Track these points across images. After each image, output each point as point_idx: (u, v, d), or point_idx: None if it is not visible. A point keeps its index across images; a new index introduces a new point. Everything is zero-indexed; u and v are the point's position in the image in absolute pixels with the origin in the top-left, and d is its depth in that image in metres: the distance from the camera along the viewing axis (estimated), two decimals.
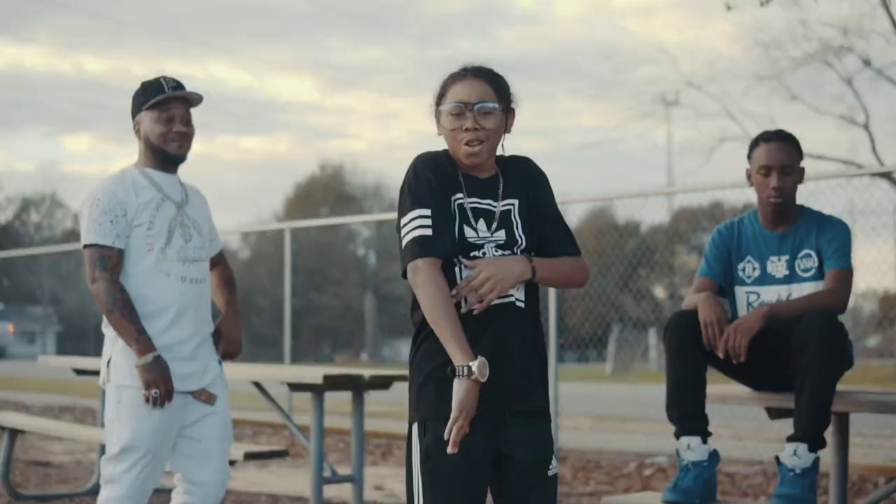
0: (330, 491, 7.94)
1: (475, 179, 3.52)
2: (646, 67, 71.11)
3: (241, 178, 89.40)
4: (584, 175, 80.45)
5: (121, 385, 4.69)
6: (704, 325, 4.74)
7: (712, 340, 4.72)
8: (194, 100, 4.85)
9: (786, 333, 4.67)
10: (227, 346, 5.00)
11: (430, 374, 3.39)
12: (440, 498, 3.36)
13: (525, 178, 3.57)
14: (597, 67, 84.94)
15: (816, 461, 4.59)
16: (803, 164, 5.10)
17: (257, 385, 7.68)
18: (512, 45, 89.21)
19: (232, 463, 6.82)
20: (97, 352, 5.13)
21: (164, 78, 4.83)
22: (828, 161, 28.74)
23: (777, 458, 4.65)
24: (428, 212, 3.41)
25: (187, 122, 4.83)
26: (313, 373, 7.10)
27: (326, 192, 61.03)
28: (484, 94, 3.49)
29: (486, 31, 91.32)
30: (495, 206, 3.48)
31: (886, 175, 17.78)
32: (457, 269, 3.39)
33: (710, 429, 4.83)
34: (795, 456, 4.55)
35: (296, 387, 7.12)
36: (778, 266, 5.01)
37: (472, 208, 3.47)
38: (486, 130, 3.46)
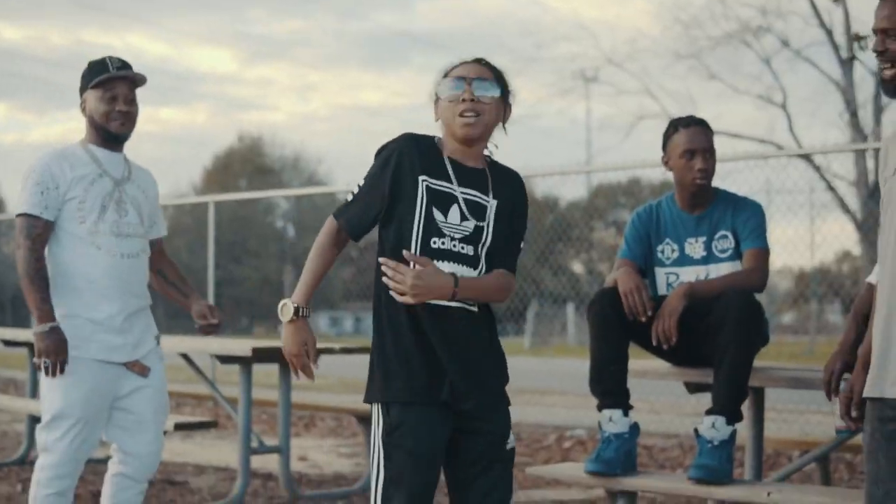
0: (256, 462, 8.04)
1: (462, 167, 3.63)
2: (566, 44, 71.47)
3: (159, 148, 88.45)
4: (505, 150, 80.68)
5: None
6: (624, 294, 4.89)
7: (634, 308, 4.87)
8: (139, 80, 4.93)
9: (704, 311, 4.84)
10: (209, 327, 5.17)
11: (393, 356, 3.55)
12: (396, 472, 3.51)
13: (512, 189, 3.69)
14: (518, 43, 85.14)
15: (734, 434, 4.77)
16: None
17: (185, 357, 7.76)
18: (433, 19, 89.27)
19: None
20: (14, 322, 5.20)
21: (110, 58, 4.91)
22: (746, 140, 29.13)
23: (696, 431, 4.82)
24: (365, 184, 3.63)
25: (131, 101, 4.92)
26: (242, 345, 7.21)
27: (245, 163, 60.67)
28: (483, 73, 3.63)
29: (407, 4, 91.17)
30: (479, 199, 3.60)
31: (805, 156, 18.10)
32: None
33: (631, 403, 5.00)
34: (714, 428, 4.73)
35: (224, 359, 7.22)
36: (696, 247, 5.18)
37: (462, 198, 3.58)
38: (483, 104, 3.57)
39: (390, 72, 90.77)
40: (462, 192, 3.59)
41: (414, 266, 3.47)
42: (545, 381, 17.29)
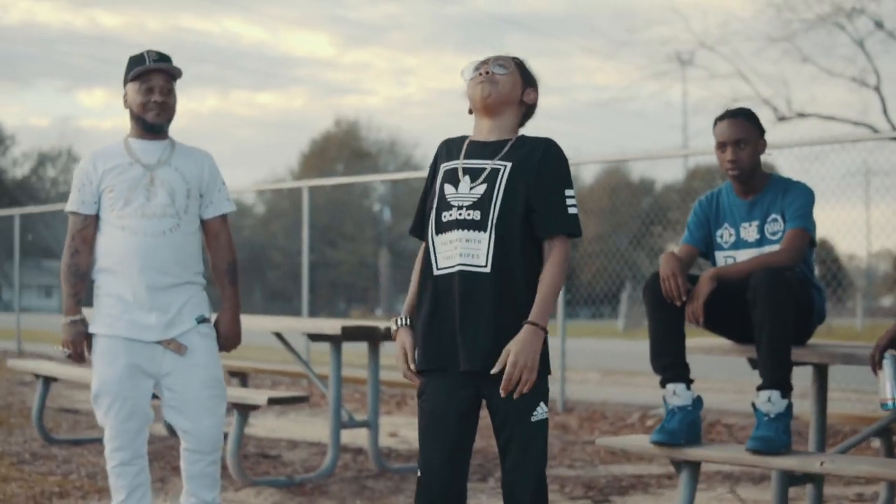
0: (347, 437, 8.39)
1: (479, 144, 3.98)
2: (659, 27, 70.95)
3: (256, 133, 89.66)
4: (599, 133, 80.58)
5: (92, 334, 5.13)
6: (662, 279, 5.16)
7: (670, 292, 5.13)
8: (174, 72, 5.16)
9: (736, 290, 5.10)
10: (224, 341, 5.30)
11: (418, 327, 3.95)
12: (422, 430, 3.93)
13: (536, 151, 3.94)
14: (610, 26, 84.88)
15: (789, 406, 5.00)
16: (768, 136, 5.49)
17: (279, 336, 8.14)
18: (528, 2, 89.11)
19: (253, 408, 7.30)
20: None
21: (148, 52, 5.15)
22: (840, 122, 29.03)
23: (753, 405, 5.07)
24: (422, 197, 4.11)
25: (167, 92, 5.14)
26: (332, 324, 7.58)
27: (342, 148, 61.24)
28: (499, 57, 4.04)
29: None
30: (486, 164, 3.90)
31: None
32: (430, 245, 3.92)
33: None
34: (769, 402, 4.97)
35: (315, 337, 7.59)
36: (749, 231, 5.42)
37: (463, 168, 3.92)
38: (498, 77, 3.96)
39: (486, 53, 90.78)
40: (465, 163, 3.94)
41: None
42: (635, 363, 17.50)
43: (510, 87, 3.99)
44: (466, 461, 3.95)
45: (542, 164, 3.91)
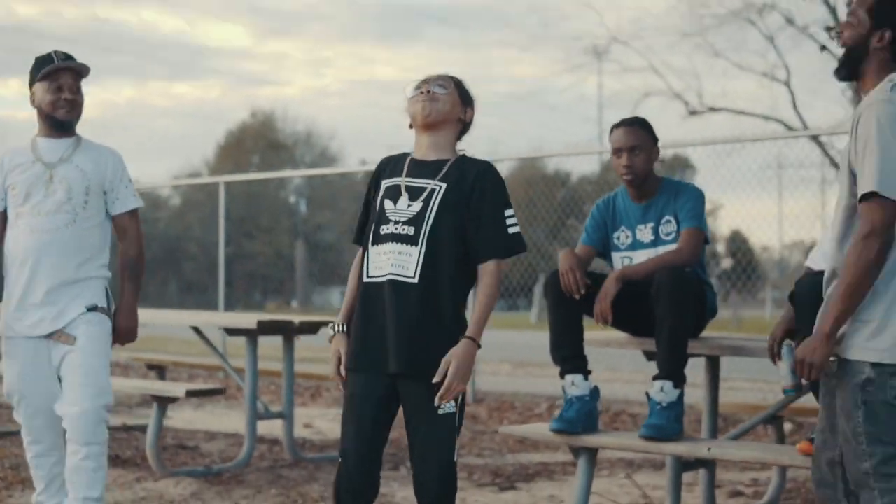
0: (263, 428, 8.62)
1: (420, 163, 4.30)
2: (572, 22, 71.41)
3: (172, 124, 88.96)
4: (516, 126, 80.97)
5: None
6: (561, 274, 5.45)
7: (569, 286, 5.41)
8: (83, 70, 5.30)
9: (641, 289, 5.42)
10: (119, 333, 5.36)
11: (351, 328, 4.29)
12: (345, 422, 4.25)
13: (470, 174, 4.25)
14: (525, 21, 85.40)
15: (681, 396, 5.32)
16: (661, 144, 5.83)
17: (196, 330, 8.37)
18: None
19: (171, 401, 7.51)
20: None
21: (56, 52, 5.28)
22: (750, 116, 29.57)
23: (647, 394, 5.39)
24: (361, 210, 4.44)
25: (76, 90, 5.28)
26: (248, 319, 7.83)
27: (258, 139, 61.06)
28: (440, 78, 4.37)
29: None
30: (425, 184, 4.23)
31: (814, 137, 18.58)
32: (366, 254, 4.24)
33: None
34: (662, 392, 5.29)
35: (232, 331, 7.84)
36: (645, 233, 5.73)
37: (405, 185, 4.24)
38: (438, 96, 4.29)
39: (403, 46, 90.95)
40: (406, 181, 4.25)
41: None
42: (548, 355, 17.76)
43: (450, 105, 4.32)
44: (381, 450, 4.26)
45: (478, 188, 4.22)
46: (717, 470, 7.53)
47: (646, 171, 5.69)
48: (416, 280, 4.12)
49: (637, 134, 5.71)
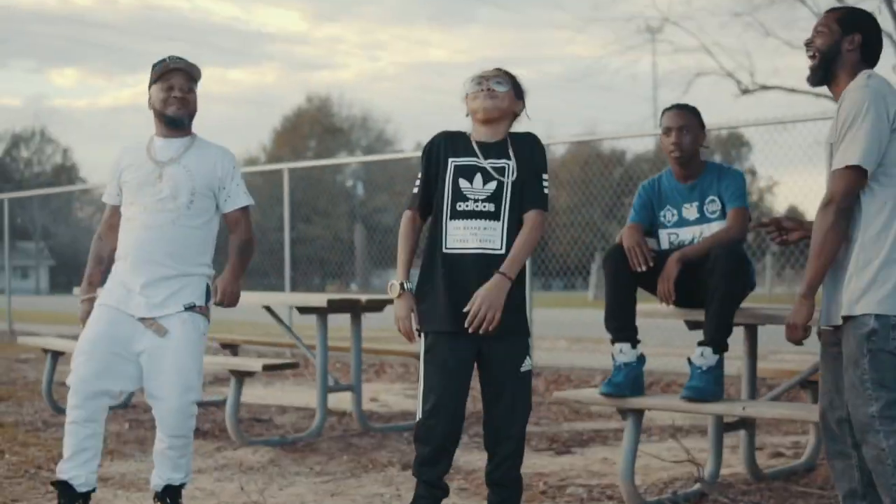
0: (332, 401, 9.14)
1: (486, 144, 4.87)
2: (624, 5, 71.36)
3: (229, 110, 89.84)
4: (571, 106, 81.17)
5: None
6: (627, 249, 5.92)
7: (635, 260, 5.89)
8: (194, 72, 5.57)
9: (698, 265, 5.88)
10: (221, 296, 5.53)
11: (425, 295, 4.80)
12: (431, 381, 4.74)
13: (527, 146, 4.88)
14: (577, 2, 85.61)
15: (720, 361, 5.77)
16: (708, 130, 6.28)
17: (268, 309, 8.90)
18: None
19: (249, 375, 8.04)
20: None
21: (170, 57, 5.55)
22: (802, 94, 29.80)
23: (689, 359, 5.85)
24: (420, 176, 4.91)
25: (187, 90, 5.53)
26: (318, 298, 8.35)
27: (314, 124, 61.63)
28: (498, 74, 4.93)
29: None
30: (495, 164, 4.81)
31: None
32: (442, 227, 4.75)
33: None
34: (702, 357, 5.74)
35: (304, 310, 8.35)
36: (691, 210, 6.17)
37: (478, 166, 4.80)
38: (497, 93, 4.85)
39: (457, 28, 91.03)
40: (488, 163, 4.81)
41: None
42: (603, 331, 18.14)
43: (507, 101, 4.89)
44: (465, 407, 4.83)
45: (531, 157, 4.84)
46: (760, 434, 8.03)
47: (692, 150, 6.13)
48: (503, 251, 4.71)
49: (686, 116, 6.17)
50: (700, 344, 5.79)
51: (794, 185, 15.57)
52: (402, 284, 4.80)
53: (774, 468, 6.88)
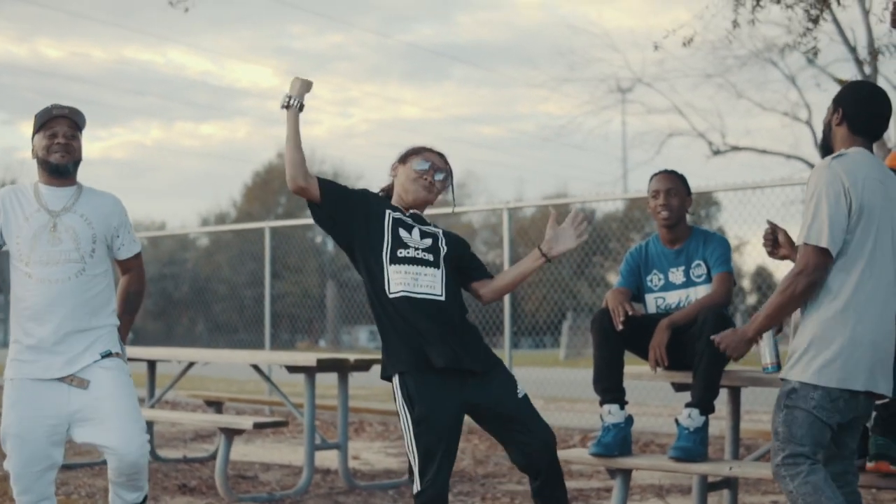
0: (317, 458, 9.24)
1: (417, 216, 5.22)
2: (598, 65, 71.87)
3: (200, 164, 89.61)
4: (542, 164, 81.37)
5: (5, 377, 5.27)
6: (612, 309, 6.09)
7: (617, 318, 6.04)
8: (78, 119, 5.40)
9: (683, 330, 6.06)
10: None
11: (400, 334, 4.97)
12: (424, 436, 4.86)
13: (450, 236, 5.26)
14: (551, 62, 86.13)
15: (706, 422, 5.95)
16: (693, 196, 6.51)
17: (256, 367, 9.04)
18: (473, 32, 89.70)
19: (238, 433, 8.15)
20: None
21: (54, 105, 5.40)
22: (773, 155, 30.18)
23: (676, 420, 6.02)
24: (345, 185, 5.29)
25: (70, 137, 5.36)
26: (306, 357, 8.50)
27: (285, 180, 61.53)
28: (442, 164, 5.29)
29: (448, 16, 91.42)
30: (435, 229, 5.19)
31: None
32: (384, 271, 5.01)
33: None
34: (690, 418, 5.91)
35: (293, 369, 8.49)
36: (677, 275, 6.35)
37: (411, 224, 5.12)
38: (438, 186, 5.24)
39: (430, 85, 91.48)
40: (418, 224, 5.17)
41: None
42: (577, 390, 18.30)
43: (441, 191, 5.27)
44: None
45: (458, 240, 5.29)
46: (741, 493, 8.17)
47: (680, 214, 6.32)
48: (443, 298, 5.01)
49: (673, 180, 6.37)
50: (688, 405, 5.95)
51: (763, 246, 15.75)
52: (289, 98, 5.35)
53: None
